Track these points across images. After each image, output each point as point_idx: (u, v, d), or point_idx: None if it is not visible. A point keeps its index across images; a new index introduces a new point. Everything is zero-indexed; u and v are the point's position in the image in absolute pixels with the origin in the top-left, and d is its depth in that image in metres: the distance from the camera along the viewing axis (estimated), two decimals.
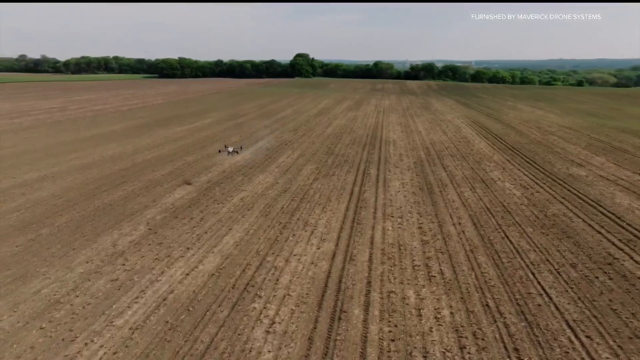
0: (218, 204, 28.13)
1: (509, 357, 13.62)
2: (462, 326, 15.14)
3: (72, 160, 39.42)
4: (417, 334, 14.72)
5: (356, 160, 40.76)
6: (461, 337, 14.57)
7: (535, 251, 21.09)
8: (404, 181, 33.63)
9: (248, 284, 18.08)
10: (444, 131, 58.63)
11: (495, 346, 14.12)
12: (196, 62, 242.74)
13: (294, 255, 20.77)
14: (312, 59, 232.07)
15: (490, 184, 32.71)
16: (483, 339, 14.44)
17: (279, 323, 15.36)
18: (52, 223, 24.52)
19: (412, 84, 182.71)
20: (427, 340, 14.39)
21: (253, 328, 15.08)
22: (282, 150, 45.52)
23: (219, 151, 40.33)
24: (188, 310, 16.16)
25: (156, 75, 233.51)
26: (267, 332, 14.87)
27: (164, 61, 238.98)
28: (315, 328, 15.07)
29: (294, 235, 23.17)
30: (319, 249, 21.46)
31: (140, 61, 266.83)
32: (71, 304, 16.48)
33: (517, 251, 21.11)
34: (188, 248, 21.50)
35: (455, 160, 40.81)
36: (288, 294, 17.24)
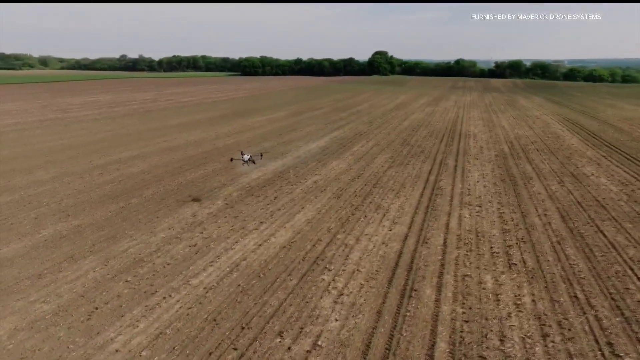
0: (292, 185, 28.55)
1: (600, 350, 12.24)
2: (545, 315, 13.90)
3: (160, 143, 42.24)
4: (493, 318, 13.75)
5: (433, 151, 39.40)
6: (544, 325, 13.37)
7: (635, 247, 18.87)
8: (484, 172, 31.87)
9: (318, 257, 18.07)
10: (530, 126, 54.86)
11: (584, 338, 12.76)
12: (277, 60, 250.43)
13: (365, 234, 20.45)
14: (391, 56, 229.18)
15: (582, 179, 29.92)
16: (570, 330, 13.13)
17: (347, 295, 15.14)
18: (140, 194, 26.37)
19: (496, 82, 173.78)
20: (505, 325, 13.38)
21: (321, 297, 15.01)
22: (357, 140, 45.29)
23: (231, 159, 29.89)
24: (259, 276, 16.49)
25: (239, 73, 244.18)
26: (335, 302, 14.71)
27: (247, 60, 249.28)
28: (384, 303, 14.65)
29: (365, 216, 22.84)
30: (390, 230, 20.94)
31: (225, 60, 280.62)
32: (153, 263, 17.54)
33: (613, 246, 19.02)
34: (261, 222, 22.01)
35: (542, 155, 37.96)
36: (357, 270, 16.97)
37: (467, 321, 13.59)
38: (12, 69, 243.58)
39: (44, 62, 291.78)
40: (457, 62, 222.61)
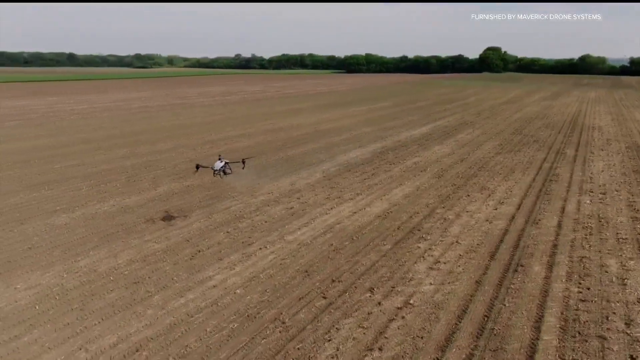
0: (390, 164, 27.94)
1: None
2: None
3: (265, 126, 44.22)
4: (617, 301, 11.90)
5: (549, 141, 35.91)
6: None
7: None
8: (610, 163, 28.18)
9: (414, 228, 17.33)
10: None
11: None
12: (381, 57, 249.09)
13: (467, 211, 19.16)
14: (505, 52, 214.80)
15: None
16: None
17: (444, 263, 14.25)
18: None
19: (630, 79, 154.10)
20: (633, 310, 11.50)
21: (415, 262, 14.31)
22: (462, 128, 43.04)
23: (197, 167, 21.94)
24: (352, 239, 16.27)
25: (344, 70, 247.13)
26: (431, 268, 13.92)
27: (352, 57, 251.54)
28: (484, 274, 13.51)
29: (468, 195, 21.45)
30: (495, 209, 19.36)
31: (331, 58, 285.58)
32: (252, 220, 18.24)
33: None
34: (358, 194, 21.79)
35: None
36: (457, 242, 15.92)
37: (583, 300, 11.94)
38: (145, 67, 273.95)
39: (171, 61, 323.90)
40: (582, 58, 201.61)
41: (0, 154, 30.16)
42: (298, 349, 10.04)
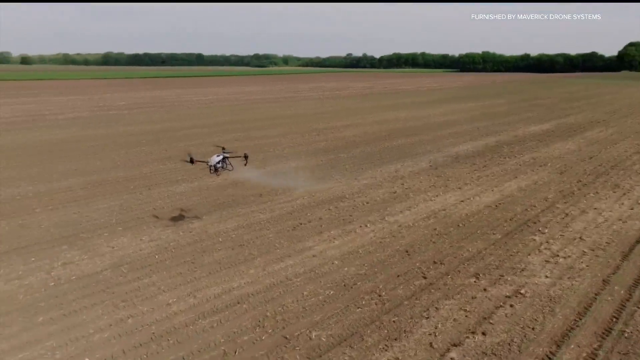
0: (504, 158, 25.95)
1: None
2: None
3: (372, 117, 44.02)
4: None
5: None
6: None
7: None
8: None
9: (529, 220, 15.80)
10: None
11: None
12: (500, 56, 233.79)
13: (594, 208, 16.97)
14: None
15: None
16: None
17: (564, 258, 12.72)
18: (348, 151, 27.85)
19: None
20: None
21: (529, 254, 12.99)
22: (592, 126, 38.45)
23: (191, 160, 16.28)
24: (458, 226, 15.34)
25: (457, 69, 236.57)
26: (547, 261, 12.52)
27: (467, 56, 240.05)
28: (614, 273, 11.78)
29: (596, 193, 19.01)
30: (631, 209, 16.87)
31: (444, 56, 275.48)
32: (353, 200, 18.17)
33: None
34: (466, 183, 20.56)
35: None
36: (580, 238, 14.14)
37: None
38: (263, 66, 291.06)
39: (286, 60, 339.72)
40: None
41: (138, 134, 34.14)
42: (393, 321, 9.67)
